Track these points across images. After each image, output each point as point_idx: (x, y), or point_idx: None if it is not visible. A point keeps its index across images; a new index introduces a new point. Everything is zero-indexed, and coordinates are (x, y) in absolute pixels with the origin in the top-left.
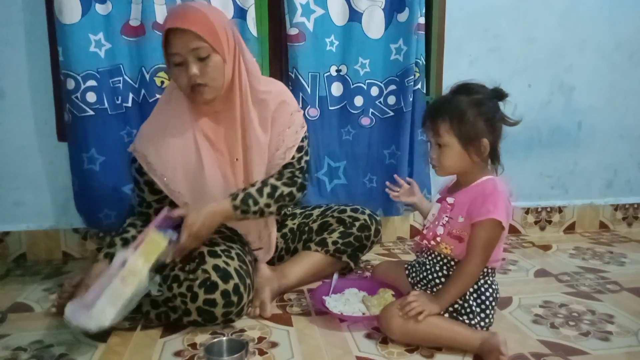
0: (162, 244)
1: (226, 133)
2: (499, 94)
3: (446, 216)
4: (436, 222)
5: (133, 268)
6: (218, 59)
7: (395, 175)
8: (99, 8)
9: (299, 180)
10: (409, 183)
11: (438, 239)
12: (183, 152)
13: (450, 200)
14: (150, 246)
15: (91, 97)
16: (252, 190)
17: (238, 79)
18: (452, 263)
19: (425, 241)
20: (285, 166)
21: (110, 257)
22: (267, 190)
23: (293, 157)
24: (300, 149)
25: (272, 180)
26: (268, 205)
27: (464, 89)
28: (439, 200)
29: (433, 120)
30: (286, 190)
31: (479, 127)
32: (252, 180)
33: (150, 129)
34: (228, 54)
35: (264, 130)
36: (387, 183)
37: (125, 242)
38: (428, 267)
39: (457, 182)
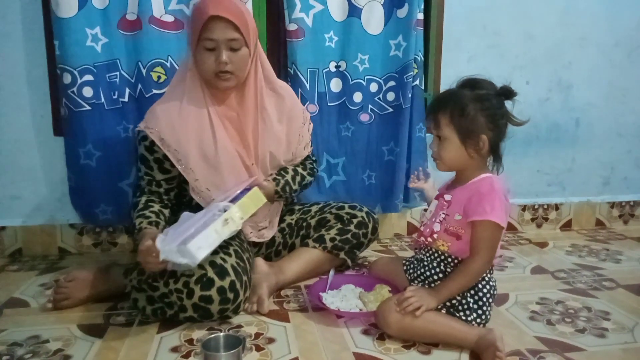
0: (261, 202)
1: (239, 118)
2: (506, 92)
3: (443, 213)
4: (433, 219)
5: (233, 215)
6: (246, 51)
7: (420, 168)
8: (96, 2)
9: (315, 171)
10: (427, 174)
11: (435, 235)
12: (197, 131)
13: (447, 197)
14: (252, 201)
15: (87, 91)
16: (289, 178)
17: (254, 71)
18: (450, 260)
19: (422, 238)
20: (305, 158)
21: (155, 224)
22: (298, 179)
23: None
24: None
25: (300, 170)
26: (295, 191)
27: (470, 83)
28: (437, 197)
29: (435, 112)
30: (309, 179)
31: (479, 122)
32: (265, 165)
33: (163, 108)
34: (252, 47)
35: (279, 120)
36: (415, 172)
37: (157, 215)
38: (426, 263)
39: (455, 178)
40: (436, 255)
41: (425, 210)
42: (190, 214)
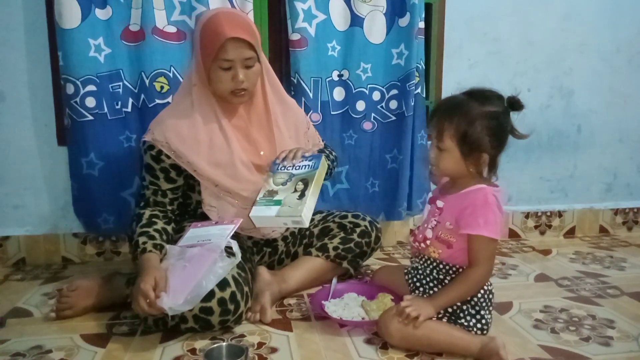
0: (325, 169)
1: (250, 129)
2: (514, 105)
3: (435, 220)
4: (425, 225)
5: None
6: (259, 67)
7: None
8: (99, 13)
9: (336, 157)
10: None
11: (428, 242)
12: (209, 145)
13: (439, 203)
14: (322, 169)
15: (90, 102)
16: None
17: (261, 82)
18: (442, 266)
19: (416, 243)
20: (322, 149)
21: (159, 248)
22: (330, 156)
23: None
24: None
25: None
26: (331, 166)
27: (480, 95)
28: (430, 201)
29: (439, 122)
30: (333, 157)
31: (484, 141)
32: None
33: (172, 120)
34: (262, 61)
35: (288, 128)
36: None
37: (161, 235)
38: (420, 271)
39: (449, 183)
40: (429, 262)
41: None
42: (173, 247)
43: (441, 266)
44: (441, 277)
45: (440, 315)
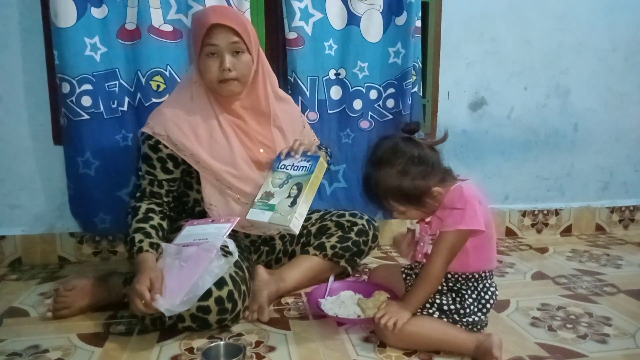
0: (324, 168)
1: (248, 126)
2: (411, 130)
3: (429, 236)
4: (422, 244)
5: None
6: (248, 57)
7: None
8: (95, 12)
9: (330, 155)
10: None
11: None
12: (209, 141)
13: (427, 218)
14: (320, 171)
15: (86, 101)
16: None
17: (262, 77)
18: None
19: (416, 262)
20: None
21: (155, 247)
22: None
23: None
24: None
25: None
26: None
27: (383, 160)
28: (418, 221)
29: (382, 203)
30: (329, 154)
31: (421, 186)
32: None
33: (172, 113)
34: (254, 54)
35: (285, 126)
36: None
37: (157, 231)
38: (418, 270)
39: None
40: None
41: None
42: (169, 245)
43: (448, 275)
44: (444, 284)
45: (438, 314)
